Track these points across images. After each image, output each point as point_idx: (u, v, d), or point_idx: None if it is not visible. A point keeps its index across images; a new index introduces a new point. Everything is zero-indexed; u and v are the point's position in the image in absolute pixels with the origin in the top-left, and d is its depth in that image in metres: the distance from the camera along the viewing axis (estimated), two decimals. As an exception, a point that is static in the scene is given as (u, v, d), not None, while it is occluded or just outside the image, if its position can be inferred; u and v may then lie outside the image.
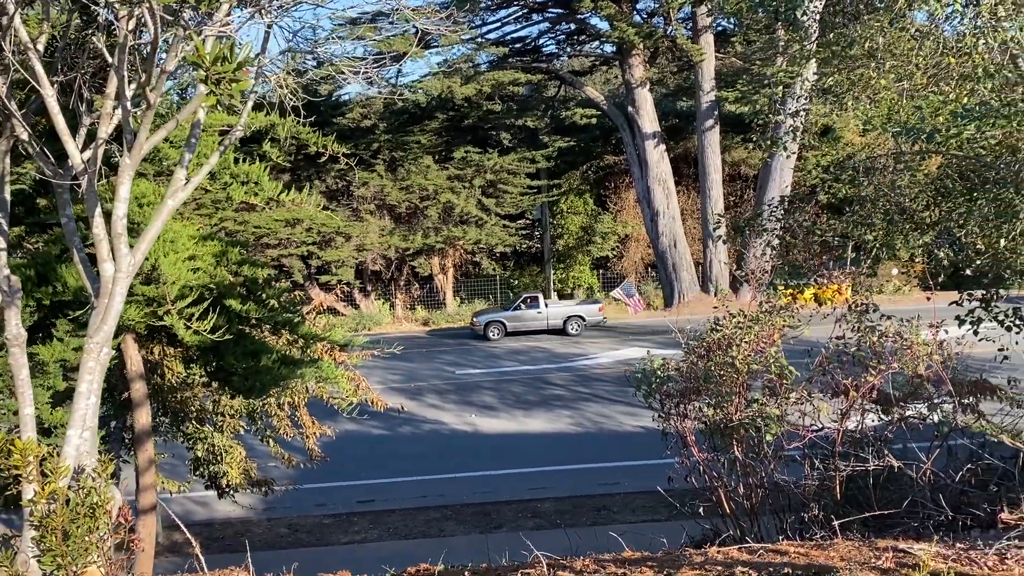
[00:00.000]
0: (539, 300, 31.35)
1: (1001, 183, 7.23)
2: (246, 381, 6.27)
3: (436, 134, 34.74)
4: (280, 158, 6.54)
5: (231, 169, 6.29)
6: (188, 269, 5.79)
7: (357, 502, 15.19)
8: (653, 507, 14.10)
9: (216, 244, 6.36)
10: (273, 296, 6.54)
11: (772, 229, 10.72)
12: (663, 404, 6.52)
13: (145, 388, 6.54)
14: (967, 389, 6.49)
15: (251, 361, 6.27)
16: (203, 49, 3.39)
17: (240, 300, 6.16)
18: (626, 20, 31.48)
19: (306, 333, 6.76)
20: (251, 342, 6.46)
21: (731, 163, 37.67)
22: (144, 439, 6.55)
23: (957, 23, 7.62)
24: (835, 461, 5.62)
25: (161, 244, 5.71)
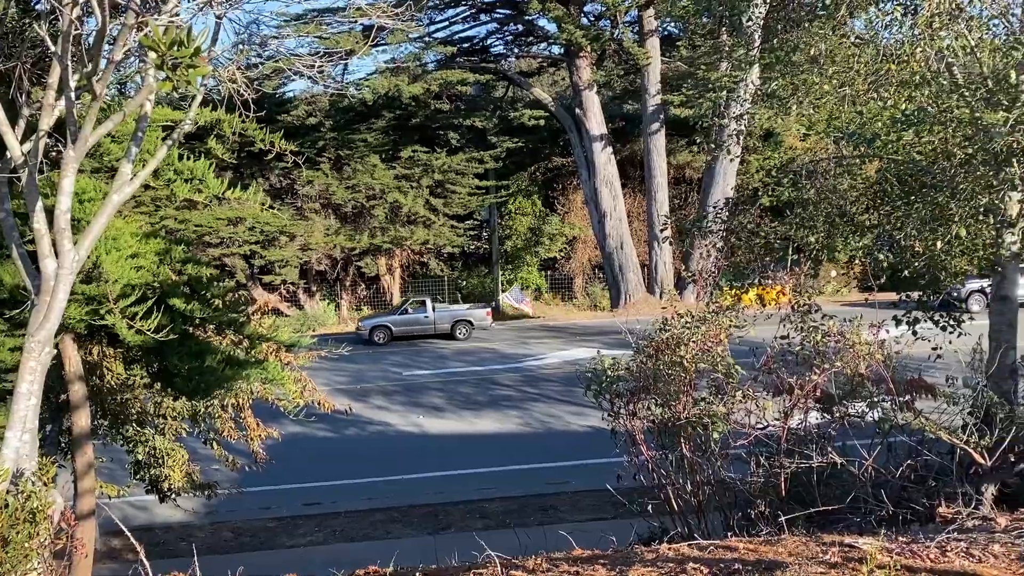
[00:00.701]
0: (426, 304, 31.21)
1: (937, 188, 7.47)
2: (190, 382, 6.12)
3: (383, 133, 34.46)
4: (225, 155, 6.40)
5: (175, 165, 6.12)
6: (131, 267, 5.62)
7: (303, 505, 14.98)
8: (600, 506, 14.21)
9: (159, 242, 6.18)
10: (218, 295, 6.39)
11: (717, 231, 10.90)
12: (612, 403, 6.57)
13: (84, 390, 6.33)
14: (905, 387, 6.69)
15: (195, 362, 6.12)
16: (159, 33, 3.28)
17: (184, 299, 6.01)
18: (574, 22, 31.69)
19: (252, 333, 6.62)
20: (195, 343, 6.30)
21: (676, 166, 38.19)
22: (83, 442, 6.34)
23: (896, 31, 7.84)
24: (780, 459, 5.73)
25: (103, 241, 5.52)
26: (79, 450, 6.42)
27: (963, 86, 7.74)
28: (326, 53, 22.00)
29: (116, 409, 7.92)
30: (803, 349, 6.22)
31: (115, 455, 12.79)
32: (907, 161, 8.91)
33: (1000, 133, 6.71)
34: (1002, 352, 8.14)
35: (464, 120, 35.35)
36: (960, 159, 7.07)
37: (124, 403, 7.87)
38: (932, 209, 7.70)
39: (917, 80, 8.02)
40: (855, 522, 5.25)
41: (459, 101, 37.04)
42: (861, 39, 9.23)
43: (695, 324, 6.32)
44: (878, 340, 6.17)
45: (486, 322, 31.30)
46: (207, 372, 6.10)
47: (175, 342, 6.02)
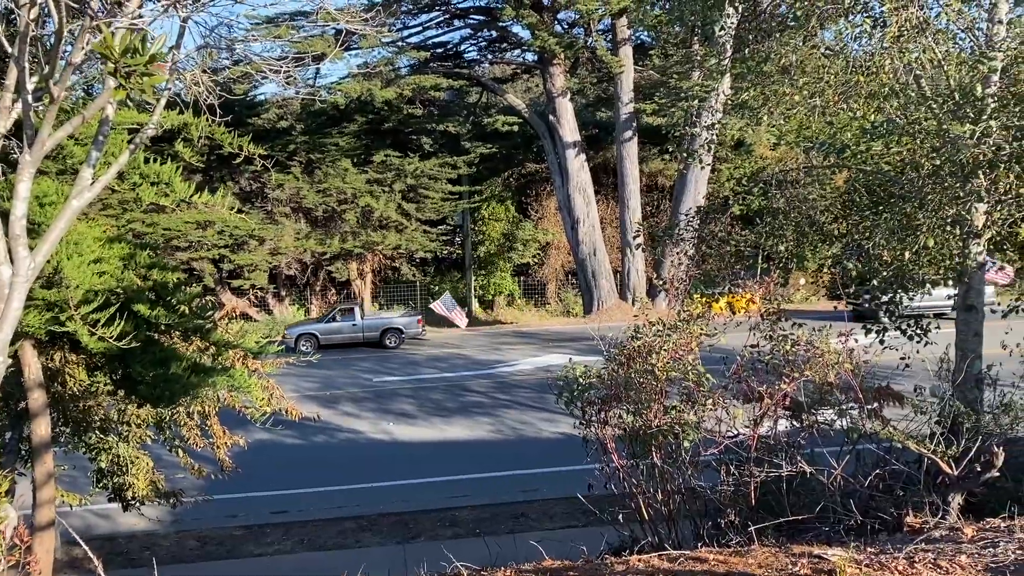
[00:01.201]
0: (355, 312, 30.73)
1: (905, 198, 7.55)
2: (154, 390, 5.98)
3: (355, 137, 34.27)
4: (193, 158, 6.27)
5: (141, 169, 5.99)
6: (94, 273, 5.47)
7: (271, 513, 14.77)
8: (571, 514, 14.18)
9: (124, 246, 6.03)
10: (183, 301, 6.26)
11: (690, 239, 10.95)
12: (584, 411, 6.55)
13: (45, 397, 6.16)
14: (873, 395, 6.74)
15: (160, 369, 5.98)
16: (111, 40, 3.19)
17: (149, 305, 5.87)
18: (547, 30, 31.77)
19: (218, 340, 6.50)
20: (160, 349, 6.16)
21: (648, 174, 38.41)
22: (42, 451, 6.17)
23: (865, 43, 7.93)
24: (750, 467, 5.74)
25: (65, 246, 5.37)
26: (39, 459, 6.25)
27: (930, 98, 7.85)
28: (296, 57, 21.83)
29: (78, 416, 7.73)
30: (773, 358, 6.24)
31: (78, 462, 12.53)
32: (875, 171, 9.02)
33: (966, 145, 6.80)
34: (968, 362, 8.24)
35: (437, 125, 35.28)
36: (928, 170, 7.15)
37: (87, 410, 7.70)
38: (900, 219, 7.78)
39: (886, 92, 8.12)
40: (824, 531, 5.26)
41: (432, 106, 36.98)
42: (831, 50, 9.32)
43: (667, 332, 6.32)
44: (847, 349, 6.21)
45: (416, 330, 30.77)
46: (172, 379, 5.96)
47: (139, 349, 5.87)
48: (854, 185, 9.60)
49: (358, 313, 30.59)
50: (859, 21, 8.16)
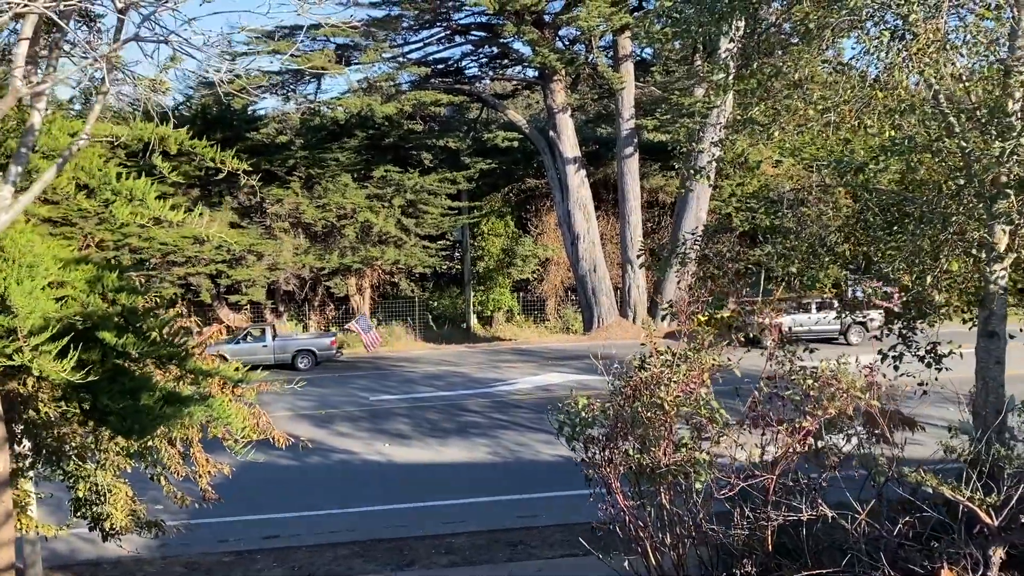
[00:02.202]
0: (266, 333, 30.13)
1: (924, 219, 7.16)
2: (124, 421, 5.57)
3: (355, 152, 33.97)
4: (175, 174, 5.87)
5: (112, 185, 5.60)
6: (49, 298, 5.04)
7: (262, 538, 14.30)
8: (571, 541, 13.69)
9: (89, 268, 5.60)
10: (154, 327, 5.85)
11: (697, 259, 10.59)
12: (587, 447, 6.13)
13: (3, 431, 5.74)
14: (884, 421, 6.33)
15: (129, 400, 5.54)
16: None
17: (116, 332, 5.45)
18: (548, 46, 31.54)
19: (195, 368, 6.08)
20: (130, 379, 5.73)
21: (650, 190, 38.10)
22: (1, 489, 5.75)
23: (883, 56, 7.55)
24: (767, 510, 5.32)
25: (15, 269, 4.95)
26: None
27: (949, 114, 7.48)
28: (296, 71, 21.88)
29: (52, 444, 7.32)
30: (793, 394, 5.83)
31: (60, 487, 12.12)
32: (889, 191, 8.64)
33: (991, 164, 6.41)
34: (990, 391, 7.84)
35: (437, 140, 35.00)
36: (951, 191, 6.76)
37: (61, 437, 7.29)
38: (919, 241, 7.39)
39: (903, 108, 7.74)
40: (848, 583, 4.86)
41: (433, 122, 36.74)
42: (843, 64, 8.96)
43: (676, 362, 5.92)
44: (872, 383, 5.80)
45: (330, 352, 30.15)
46: (143, 411, 5.53)
47: (105, 379, 5.46)
48: (867, 205, 9.22)
49: (269, 334, 29.99)
50: (876, 33, 7.80)
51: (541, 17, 32.32)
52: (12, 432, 6.88)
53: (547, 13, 32.46)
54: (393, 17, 31.90)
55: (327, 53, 31.02)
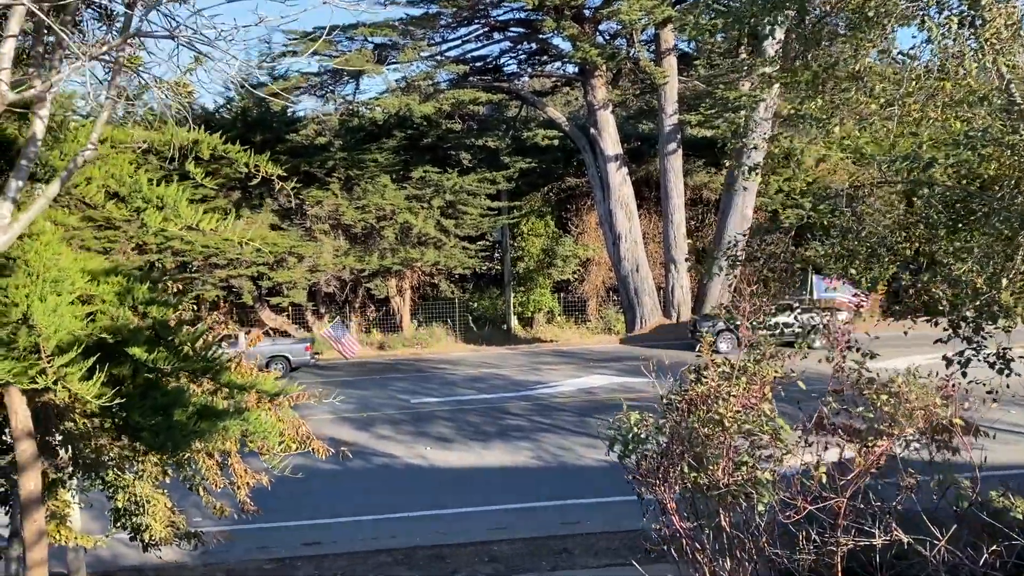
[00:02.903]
0: (239, 339, 30.09)
1: (1001, 217, 6.67)
2: (157, 437, 5.39)
3: (394, 153, 33.89)
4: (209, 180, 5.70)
5: (143, 192, 5.42)
6: (76, 315, 4.84)
7: (302, 544, 14.21)
8: (616, 550, 13.38)
9: (119, 280, 5.42)
10: (187, 340, 5.66)
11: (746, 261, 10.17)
12: (639, 465, 5.79)
13: (34, 448, 5.58)
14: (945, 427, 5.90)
15: (160, 416, 5.37)
16: None
17: (146, 347, 5.26)
18: (589, 41, 31.10)
19: (230, 382, 5.89)
20: (163, 394, 5.54)
21: (693, 187, 37.44)
22: (32, 508, 5.60)
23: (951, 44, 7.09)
24: (836, 535, 4.94)
25: (39, 285, 4.76)
26: (28, 517, 5.66)
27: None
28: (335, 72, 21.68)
29: (91, 456, 7.20)
30: (864, 411, 5.43)
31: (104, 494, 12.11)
32: (955, 187, 8.15)
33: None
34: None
35: (476, 140, 34.76)
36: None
37: (99, 448, 7.16)
38: (993, 241, 6.91)
39: (972, 99, 7.25)
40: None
41: (471, 121, 36.49)
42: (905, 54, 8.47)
43: (736, 375, 5.55)
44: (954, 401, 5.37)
45: (304, 358, 29.79)
46: (175, 427, 5.34)
47: (136, 395, 5.29)
48: (929, 201, 8.72)
49: (243, 341, 29.84)
50: (941, 20, 7.32)
51: (581, 12, 31.90)
52: (49, 444, 6.76)
53: (587, 7, 32.02)
54: (431, 15, 31.71)
55: (365, 53, 30.93)
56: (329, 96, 33.99)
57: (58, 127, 5.17)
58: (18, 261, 4.80)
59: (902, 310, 9.55)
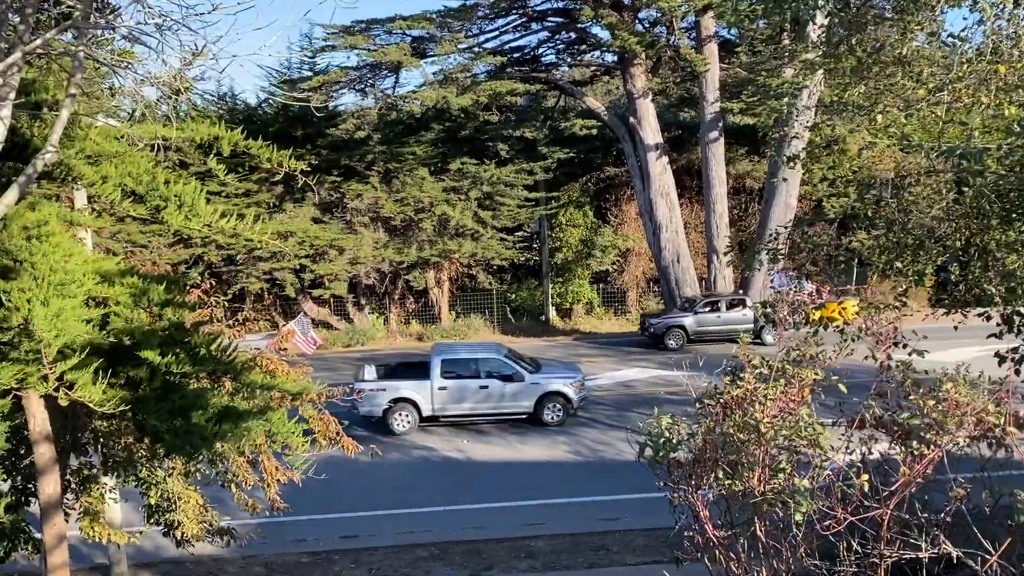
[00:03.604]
0: None
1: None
2: (177, 440, 5.32)
3: (432, 145, 33.85)
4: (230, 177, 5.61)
5: (160, 191, 5.33)
6: (81, 319, 4.76)
7: (340, 538, 14.25)
8: (654, 547, 13.17)
9: (134, 281, 5.34)
10: (202, 343, 5.56)
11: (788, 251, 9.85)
12: (671, 472, 5.57)
13: (52, 452, 5.55)
14: None
15: (179, 420, 5.29)
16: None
17: (159, 351, 5.18)
18: (628, 29, 30.64)
19: (251, 382, 5.80)
20: (181, 396, 5.46)
21: (736, 175, 36.77)
22: (51, 512, 5.58)
23: (1005, 25, 6.70)
24: (879, 546, 4.68)
25: (41, 288, 4.67)
26: (48, 521, 5.65)
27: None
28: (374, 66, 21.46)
29: (122, 455, 7.21)
30: (910, 416, 5.13)
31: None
32: (1008, 176, 7.74)
33: None
34: None
35: (514, 131, 34.53)
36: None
37: (129, 447, 7.16)
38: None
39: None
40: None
41: (509, 112, 36.22)
42: (955, 37, 8.07)
43: (774, 376, 5.28)
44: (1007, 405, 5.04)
45: None
46: (194, 431, 5.27)
47: (152, 399, 5.22)
48: (981, 191, 8.31)
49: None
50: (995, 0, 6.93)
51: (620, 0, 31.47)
52: (79, 442, 6.76)
53: (626, -5, 31.58)
54: (468, 6, 31.49)
55: (403, 47, 30.86)
56: (368, 90, 34.00)
57: (69, 124, 5.12)
58: (24, 264, 4.75)
59: (951, 303, 9.15)
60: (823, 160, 13.08)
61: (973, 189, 8.53)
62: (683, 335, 29.05)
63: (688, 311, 29.96)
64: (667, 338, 29.00)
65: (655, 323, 29.64)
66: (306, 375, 8.69)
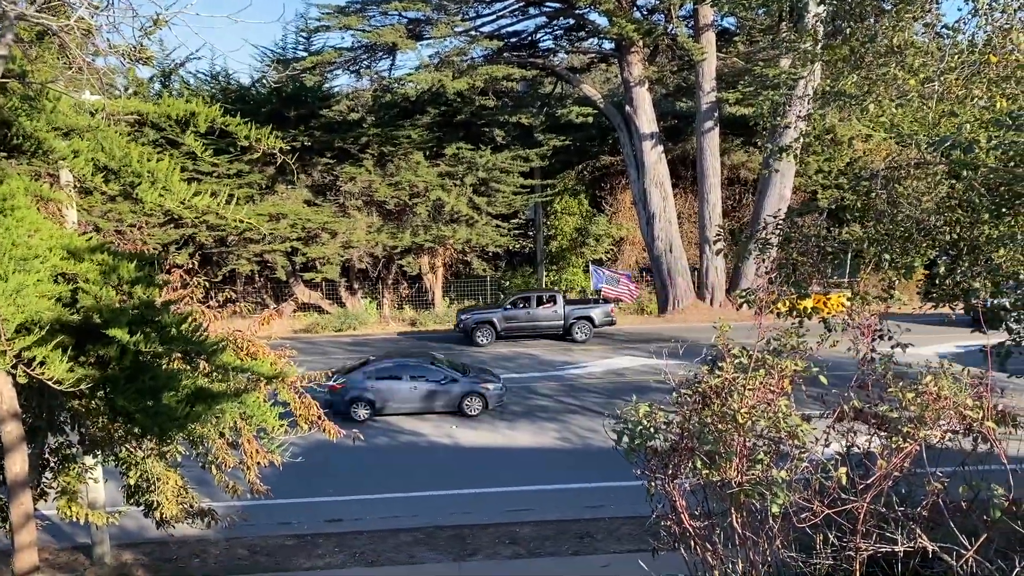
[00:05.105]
0: None
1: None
2: (148, 420, 5.24)
3: (427, 129, 33.65)
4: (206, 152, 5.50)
5: (134, 167, 5.21)
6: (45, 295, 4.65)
7: (325, 521, 14.21)
8: (639, 535, 13.15)
9: (104, 257, 5.21)
10: (173, 323, 5.45)
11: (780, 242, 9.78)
12: (648, 461, 5.52)
13: (20, 430, 5.46)
14: None
15: (149, 400, 5.20)
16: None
17: (128, 329, 5.08)
18: (626, 16, 30.46)
19: (225, 364, 5.70)
20: (152, 376, 5.37)
21: (730, 166, 36.68)
22: (19, 490, 5.50)
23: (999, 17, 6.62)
24: (855, 539, 4.63)
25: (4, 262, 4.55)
26: (15, 499, 5.57)
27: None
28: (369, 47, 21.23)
29: (100, 435, 7.13)
30: (888, 409, 5.08)
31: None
32: (999, 169, 7.67)
33: None
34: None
35: (510, 117, 34.35)
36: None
37: (106, 427, 7.08)
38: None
39: (1021, 75, 6.78)
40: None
41: (505, 97, 36.03)
42: (948, 28, 7.99)
43: (753, 366, 5.22)
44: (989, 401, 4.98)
45: None
46: (163, 412, 5.18)
47: (120, 379, 5.13)
48: (971, 184, 8.25)
49: None
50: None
51: (618, -14, 31.26)
52: (54, 421, 6.68)
53: (624, -19, 31.36)
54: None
55: (398, 28, 30.63)
56: (364, 72, 33.75)
57: (35, 96, 5.00)
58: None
59: (939, 296, 9.11)
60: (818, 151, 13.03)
61: (964, 182, 8.47)
62: (492, 331, 28.76)
63: (498, 307, 29.75)
64: (476, 334, 28.70)
65: (464, 319, 29.33)
66: (287, 359, 8.60)
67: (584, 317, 28.89)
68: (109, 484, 12.20)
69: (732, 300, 30.64)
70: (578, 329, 28.83)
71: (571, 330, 28.67)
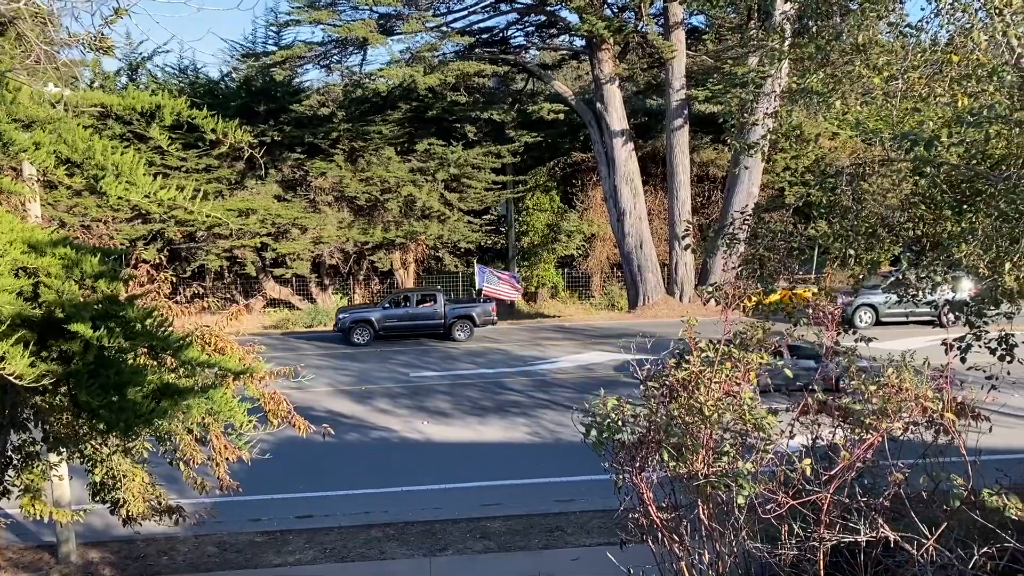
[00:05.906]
0: None
1: (1007, 198, 6.37)
2: (112, 415, 5.18)
3: (398, 125, 33.52)
4: (172, 146, 5.47)
5: (97, 160, 5.13)
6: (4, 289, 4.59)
7: (295, 517, 14.13)
8: (608, 528, 13.22)
9: (66, 251, 5.13)
10: (138, 318, 5.39)
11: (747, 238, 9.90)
12: (616, 454, 5.56)
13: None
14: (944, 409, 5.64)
15: (113, 396, 5.14)
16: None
17: (91, 324, 5.01)
18: (597, 13, 30.56)
19: (189, 359, 5.64)
20: (116, 372, 5.31)
21: (700, 163, 36.98)
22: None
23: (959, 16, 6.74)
24: (819, 530, 4.71)
25: None
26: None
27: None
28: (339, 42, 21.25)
29: (64, 432, 7.03)
30: (851, 402, 5.18)
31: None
32: (961, 166, 7.83)
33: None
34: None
35: (482, 113, 34.32)
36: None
37: (70, 423, 6.99)
38: (998, 223, 6.62)
39: (981, 73, 6.92)
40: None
41: (477, 93, 36.00)
42: (912, 27, 8.12)
43: (720, 360, 5.29)
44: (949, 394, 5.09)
45: None
46: (128, 408, 5.12)
47: (83, 374, 5.06)
48: (934, 181, 8.40)
49: None
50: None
51: (589, -16, 31.34)
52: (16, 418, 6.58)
53: (595, -22, 31.44)
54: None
55: (369, 23, 30.44)
56: (334, 67, 33.54)
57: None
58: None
59: (903, 293, 9.27)
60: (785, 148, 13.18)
61: (927, 179, 8.62)
62: (370, 330, 28.15)
63: (377, 306, 29.39)
64: (353, 334, 28.06)
65: (342, 317, 28.77)
66: (256, 355, 8.53)
67: (464, 316, 28.51)
68: (75, 481, 12.03)
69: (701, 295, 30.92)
70: (459, 329, 28.47)
71: (451, 329, 28.32)
